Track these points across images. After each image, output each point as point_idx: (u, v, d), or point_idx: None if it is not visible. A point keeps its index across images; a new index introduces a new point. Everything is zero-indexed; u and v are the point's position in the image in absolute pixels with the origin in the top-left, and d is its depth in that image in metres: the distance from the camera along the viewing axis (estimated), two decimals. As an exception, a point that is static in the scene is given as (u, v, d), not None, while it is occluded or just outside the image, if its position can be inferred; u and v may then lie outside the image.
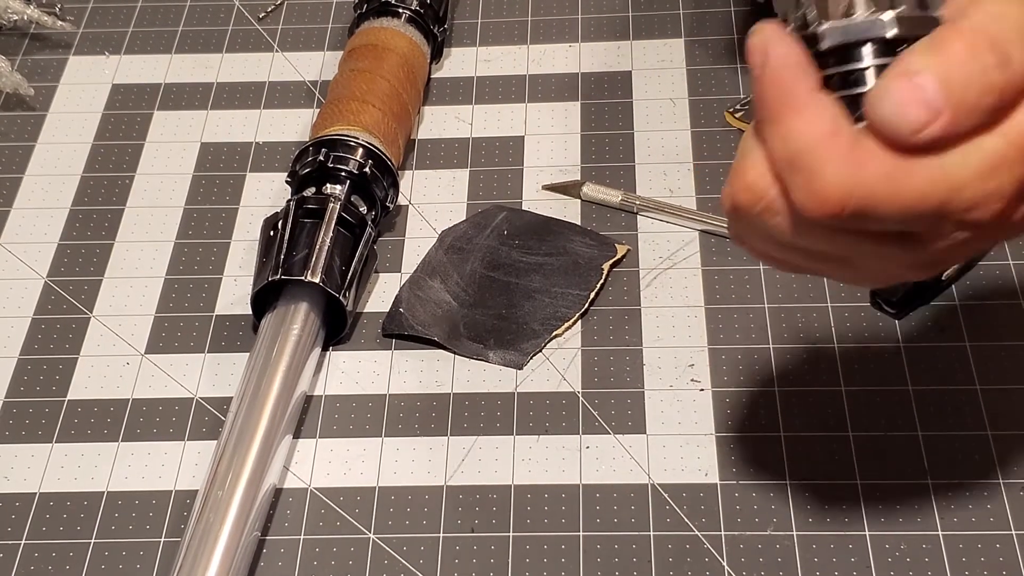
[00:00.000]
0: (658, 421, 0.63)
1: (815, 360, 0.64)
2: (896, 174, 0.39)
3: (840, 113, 0.41)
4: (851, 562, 0.57)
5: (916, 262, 0.43)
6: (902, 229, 0.41)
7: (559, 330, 0.66)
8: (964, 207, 0.40)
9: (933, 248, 0.42)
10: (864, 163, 0.40)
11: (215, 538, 0.57)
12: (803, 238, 0.42)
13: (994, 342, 0.64)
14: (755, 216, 0.43)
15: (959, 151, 0.39)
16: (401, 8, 0.77)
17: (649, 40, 0.82)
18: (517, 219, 0.71)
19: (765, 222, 0.43)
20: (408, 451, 0.63)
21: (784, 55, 0.41)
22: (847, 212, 0.40)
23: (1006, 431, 0.61)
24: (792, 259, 0.45)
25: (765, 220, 0.42)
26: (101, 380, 0.66)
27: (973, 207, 0.40)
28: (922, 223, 0.41)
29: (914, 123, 0.39)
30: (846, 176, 0.40)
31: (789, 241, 0.43)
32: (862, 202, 0.40)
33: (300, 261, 0.65)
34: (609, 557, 0.58)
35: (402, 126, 0.73)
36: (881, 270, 0.44)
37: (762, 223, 0.43)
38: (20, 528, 0.61)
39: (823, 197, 0.40)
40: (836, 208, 0.40)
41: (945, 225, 0.41)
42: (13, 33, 0.85)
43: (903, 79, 0.39)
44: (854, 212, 0.40)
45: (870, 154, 0.40)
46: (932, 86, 0.38)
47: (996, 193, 0.40)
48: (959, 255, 0.43)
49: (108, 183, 0.76)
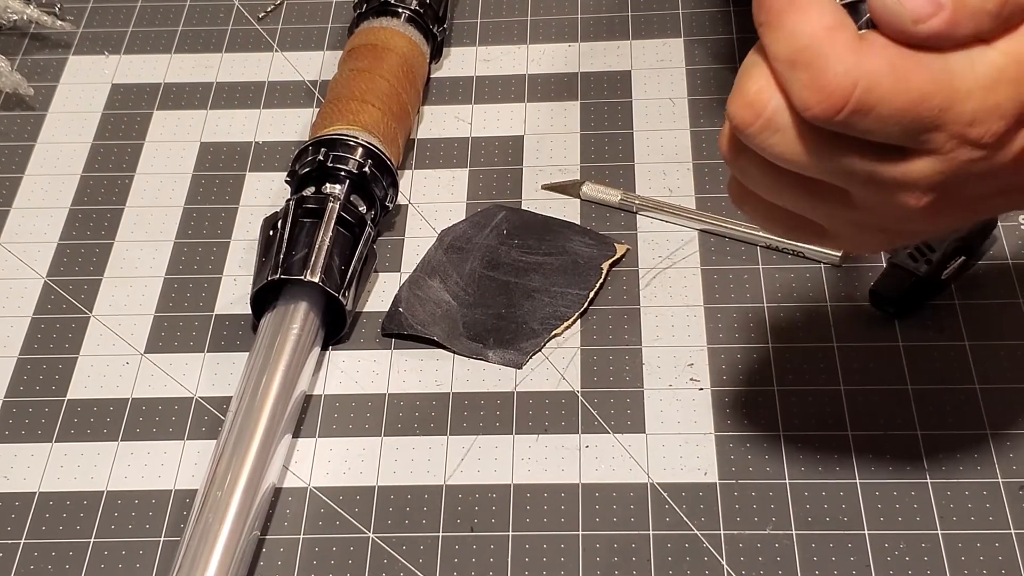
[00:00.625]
0: (657, 420, 0.63)
1: (814, 359, 0.64)
2: (900, 66, 0.40)
3: (842, 10, 0.41)
4: (850, 561, 0.57)
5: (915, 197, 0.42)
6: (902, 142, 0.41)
7: (558, 329, 0.66)
8: (966, 119, 0.40)
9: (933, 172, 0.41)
10: (868, 55, 0.40)
11: (214, 537, 0.57)
12: (803, 155, 0.42)
13: (993, 341, 0.64)
14: (755, 136, 0.42)
15: (962, 57, 0.40)
16: (400, 8, 0.77)
17: (648, 39, 0.82)
18: (516, 218, 0.71)
19: (765, 142, 0.42)
20: (407, 450, 0.63)
21: None
22: (851, 106, 0.40)
23: (1005, 430, 0.61)
24: (791, 197, 0.45)
25: (765, 139, 0.42)
26: (101, 380, 0.66)
27: (974, 121, 0.40)
28: (923, 130, 0.40)
29: (916, 11, 0.39)
30: (850, 65, 0.40)
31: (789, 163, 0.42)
32: (866, 94, 0.40)
33: (300, 261, 0.65)
34: (608, 556, 0.58)
35: (402, 126, 0.73)
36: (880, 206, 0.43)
37: (762, 144, 0.42)
38: (20, 527, 0.61)
39: (827, 89, 0.40)
40: (840, 100, 0.40)
41: (946, 140, 0.40)
42: (13, 33, 0.85)
43: None
44: (857, 106, 0.40)
45: (874, 46, 0.40)
46: None
47: (997, 109, 0.40)
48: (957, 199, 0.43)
49: (108, 183, 0.76)
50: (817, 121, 0.41)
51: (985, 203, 0.45)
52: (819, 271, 0.68)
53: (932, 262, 0.65)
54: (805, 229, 0.47)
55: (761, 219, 0.48)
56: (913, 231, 0.46)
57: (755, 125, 0.42)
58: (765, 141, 0.42)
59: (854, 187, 0.43)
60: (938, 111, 0.40)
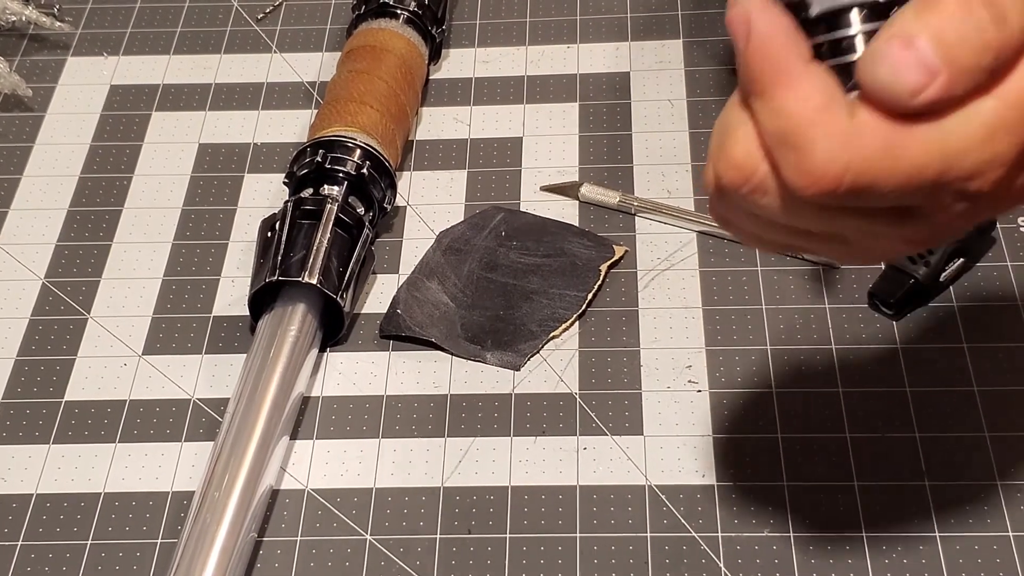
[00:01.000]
0: (655, 422, 0.63)
1: (812, 361, 0.64)
2: (893, 145, 0.38)
3: (833, 84, 0.39)
4: (847, 564, 0.57)
5: (913, 237, 0.42)
6: (899, 204, 0.40)
7: (557, 331, 0.66)
8: (964, 176, 0.38)
9: (931, 222, 0.40)
10: (860, 136, 0.38)
11: (212, 539, 0.57)
12: (794, 217, 0.41)
13: (992, 344, 0.64)
14: (742, 196, 0.41)
15: (957, 117, 0.38)
16: (399, 9, 0.77)
17: (647, 41, 0.82)
18: (515, 220, 0.71)
19: (754, 202, 0.41)
20: (405, 452, 0.63)
21: (771, 24, 0.39)
22: (843, 189, 0.38)
23: (1003, 433, 0.61)
24: (781, 239, 0.43)
25: (754, 200, 0.41)
26: (98, 381, 0.66)
27: (973, 175, 0.38)
28: (920, 196, 0.39)
29: (911, 86, 0.37)
30: (841, 151, 0.38)
31: (780, 220, 0.41)
32: (859, 178, 0.38)
33: (298, 262, 0.65)
34: (606, 558, 0.58)
35: (400, 127, 0.73)
36: (877, 247, 0.42)
37: (750, 203, 0.41)
38: (17, 529, 0.61)
39: (818, 175, 0.38)
40: (832, 185, 0.38)
41: (944, 196, 0.39)
42: (11, 34, 0.85)
43: (896, 41, 0.37)
44: (850, 188, 0.38)
45: (866, 127, 0.38)
46: (927, 46, 0.37)
47: (996, 159, 0.38)
48: (957, 228, 0.42)
49: (106, 184, 0.76)
50: (812, 200, 0.39)
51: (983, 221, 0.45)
52: (818, 273, 0.68)
53: (930, 264, 0.65)
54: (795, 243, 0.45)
55: (748, 242, 0.46)
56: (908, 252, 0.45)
57: (744, 188, 0.40)
58: (754, 202, 0.41)
59: (850, 236, 0.42)
60: (936, 176, 0.38)
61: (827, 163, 0.38)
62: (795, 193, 0.39)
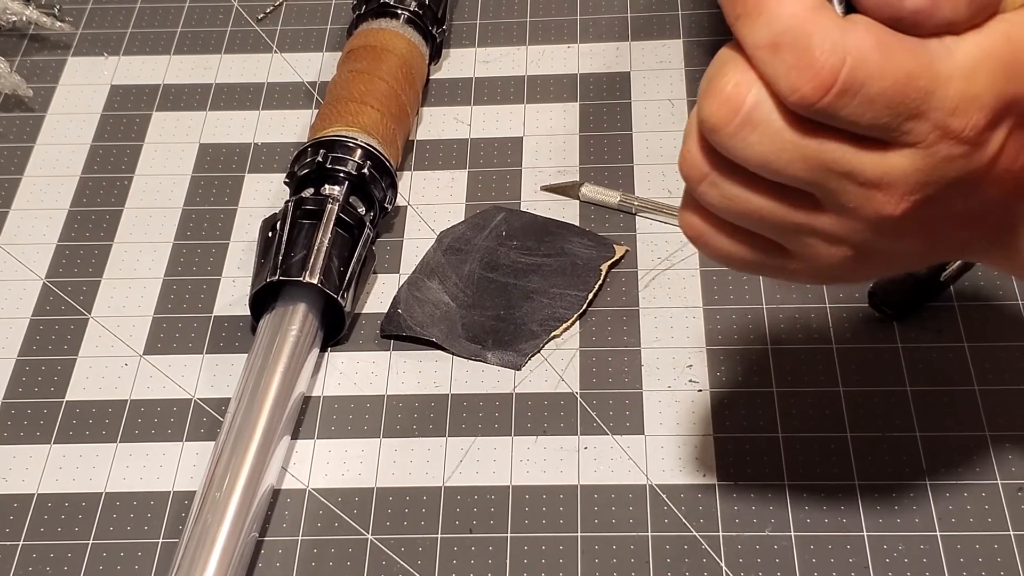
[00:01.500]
0: (656, 422, 0.63)
1: (813, 361, 0.64)
2: (886, 43, 0.39)
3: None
4: (849, 563, 0.57)
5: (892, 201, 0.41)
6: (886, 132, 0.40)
7: (557, 331, 0.66)
8: (948, 106, 0.39)
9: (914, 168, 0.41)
10: (855, 32, 0.39)
11: (213, 539, 0.57)
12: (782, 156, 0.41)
13: (991, 343, 0.64)
14: (733, 135, 0.41)
15: (938, 42, 0.40)
16: (400, 9, 0.77)
17: (648, 41, 0.82)
18: (516, 220, 0.71)
19: (743, 141, 0.41)
20: (406, 452, 0.63)
21: None
22: (840, 83, 0.39)
23: (1004, 431, 0.61)
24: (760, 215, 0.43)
25: (743, 138, 0.41)
26: (99, 381, 0.66)
27: (956, 109, 0.40)
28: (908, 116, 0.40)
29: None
30: (837, 40, 0.39)
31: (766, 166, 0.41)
32: (854, 71, 0.39)
33: (298, 262, 0.65)
34: (607, 558, 0.58)
35: (401, 127, 0.73)
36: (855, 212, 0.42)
37: (739, 144, 0.41)
38: (18, 529, 0.61)
39: (815, 67, 0.39)
40: (829, 76, 0.39)
41: (929, 130, 0.40)
42: (12, 34, 0.85)
43: None
44: (846, 83, 0.39)
45: (859, 25, 0.39)
46: None
47: (977, 99, 0.40)
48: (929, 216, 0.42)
49: (107, 184, 0.76)
50: (804, 104, 0.40)
51: (953, 232, 0.44)
52: (818, 272, 0.68)
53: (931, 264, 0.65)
54: (768, 256, 0.45)
55: (722, 252, 0.46)
56: (881, 252, 0.44)
57: (733, 123, 0.41)
58: (743, 140, 0.41)
59: (831, 188, 0.42)
60: (923, 94, 0.39)
61: (826, 54, 0.39)
62: (790, 96, 0.39)
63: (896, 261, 0.46)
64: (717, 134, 0.41)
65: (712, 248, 0.46)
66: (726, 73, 0.41)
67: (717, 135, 0.41)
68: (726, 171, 0.43)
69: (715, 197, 0.43)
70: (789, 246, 0.45)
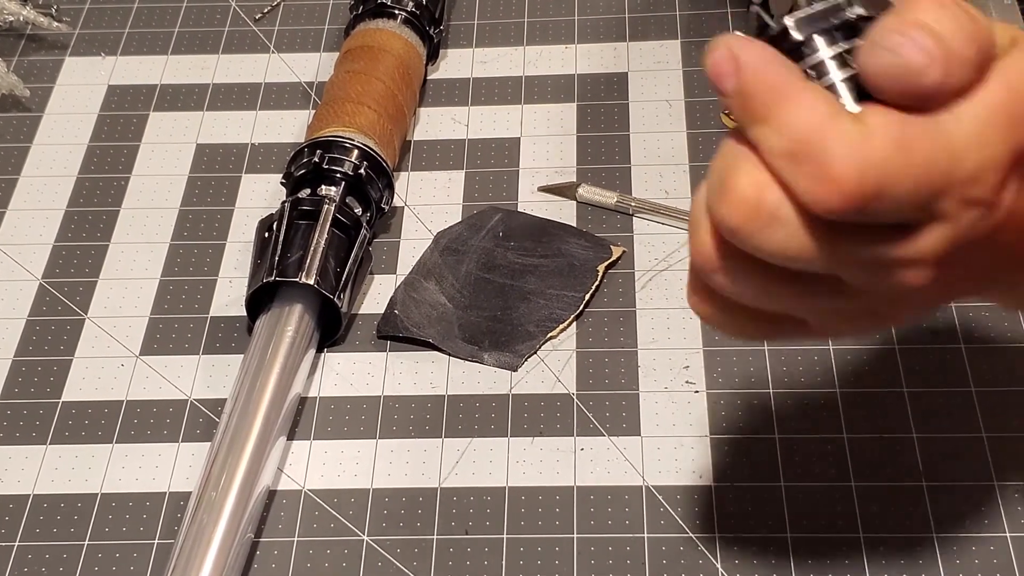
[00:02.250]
0: (652, 423, 0.63)
1: (810, 362, 0.64)
2: (904, 139, 0.38)
3: (832, 98, 0.39)
4: (845, 564, 0.57)
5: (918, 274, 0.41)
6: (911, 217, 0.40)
7: (554, 332, 0.66)
8: (967, 178, 0.39)
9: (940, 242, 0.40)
10: (872, 136, 0.38)
11: (208, 540, 0.57)
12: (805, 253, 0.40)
13: (989, 344, 0.64)
14: (754, 235, 0.40)
15: (952, 115, 0.39)
16: (397, 9, 0.77)
17: (645, 42, 0.82)
18: (512, 221, 0.71)
19: (765, 240, 0.40)
20: (402, 453, 0.63)
21: (759, 53, 0.40)
22: (864, 191, 0.38)
23: (1001, 433, 0.61)
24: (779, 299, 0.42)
25: (765, 237, 0.40)
26: (95, 381, 0.66)
27: (974, 178, 0.39)
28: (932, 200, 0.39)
29: (915, 64, 0.38)
30: (859, 151, 0.38)
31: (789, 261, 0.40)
32: (878, 177, 0.38)
33: (295, 263, 0.65)
34: (603, 559, 0.58)
35: (398, 127, 0.73)
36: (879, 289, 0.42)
37: (761, 243, 0.40)
38: (14, 529, 0.61)
39: (839, 179, 0.38)
40: (854, 188, 0.38)
41: (951, 205, 0.39)
42: (9, 34, 0.85)
43: (893, 31, 0.38)
44: (873, 191, 0.38)
45: (876, 127, 0.38)
46: (920, 34, 0.38)
47: (992, 161, 0.39)
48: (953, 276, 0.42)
49: (104, 184, 0.76)
50: (827, 213, 0.39)
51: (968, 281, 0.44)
52: (815, 274, 0.68)
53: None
54: (783, 328, 0.44)
55: (736, 331, 0.45)
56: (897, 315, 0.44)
57: (754, 223, 0.39)
58: (766, 239, 0.40)
59: (855, 273, 0.41)
60: (945, 176, 0.39)
61: (846, 166, 0.38)
62: (814, 207, 0.39)
63: (911, 316, 0.46)
64: (737, 234, 0.40)
65: (726, 329, 0.45)
66: (740, 172, 0.40)
67: (737, 235, 0.40)
68: (742, 262, 0.42)
69: (729, 286, 0.43)
70: (807, 319, 0.44)
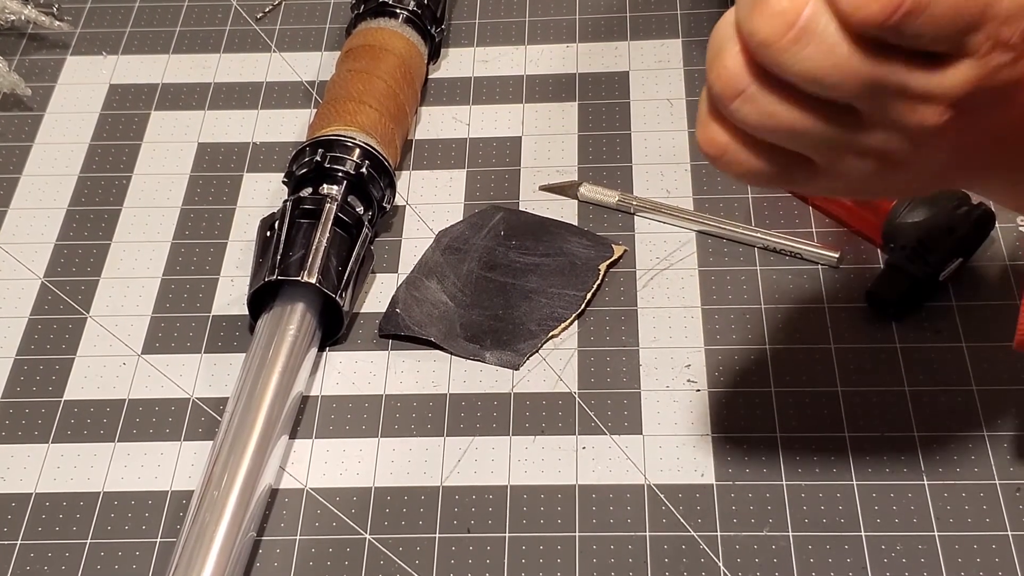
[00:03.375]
0: (654, 422, 0.63)
1: (811, 361, 0.64)
2: None
3: None
4: (847, 563, 0.57)
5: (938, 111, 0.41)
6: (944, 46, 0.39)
7: (556, 331, 0.66)
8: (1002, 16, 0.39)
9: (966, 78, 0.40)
10: None
11: (211, 538, 0.57)
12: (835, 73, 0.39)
13: (990, 343, 0.64)
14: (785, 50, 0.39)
15: None
16: (398, 9, 0.77)
17: (646, 40, 0.82)
18: (514, 220, 0.71)
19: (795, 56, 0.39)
20: (404, 451, 0.63)
21: None
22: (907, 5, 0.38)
23: (1002, 432, 0.61)
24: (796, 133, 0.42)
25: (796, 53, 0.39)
26: (97, 380, 0.66)
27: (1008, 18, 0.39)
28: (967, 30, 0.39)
29: None
30: None
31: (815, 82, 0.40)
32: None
33: (297, 262, 0.65)
34: (605, 558, 0.58)
35: (399, 127, 0.73)
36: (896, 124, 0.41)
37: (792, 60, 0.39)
38: (16, 528, 0.61)
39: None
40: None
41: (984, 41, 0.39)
42: (11, 33, 0.85)
43: None
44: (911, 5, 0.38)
45: None
46: None
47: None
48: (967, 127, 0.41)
49: (105, 183, 0.76)
50: (867, 24, 0.38)
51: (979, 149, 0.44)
52: (816, 272, 0.68)
53: (929, 264, 0.65)
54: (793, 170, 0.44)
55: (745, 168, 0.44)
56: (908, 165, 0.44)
57: (787, 36, 0.39)
58: (796, 55, 0.39)
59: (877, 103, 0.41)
60: (982, 6, 0.39)
61: None
62: (853, 15, 0.38)
63: (920, 176, 0.45)
64: (769, 48, 0.40)
65: (735, 165, 0.44)
66: None
67: (768, 49, 0.40)
68: (767, 86, 0.41)
69: (750, 113, 0.42)
70: (819, 160, 0.43)
